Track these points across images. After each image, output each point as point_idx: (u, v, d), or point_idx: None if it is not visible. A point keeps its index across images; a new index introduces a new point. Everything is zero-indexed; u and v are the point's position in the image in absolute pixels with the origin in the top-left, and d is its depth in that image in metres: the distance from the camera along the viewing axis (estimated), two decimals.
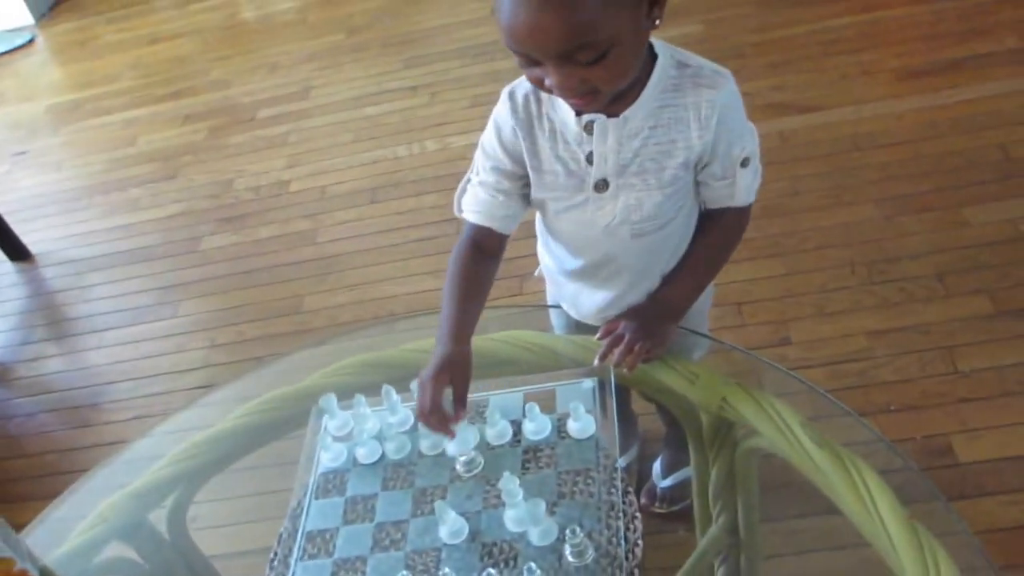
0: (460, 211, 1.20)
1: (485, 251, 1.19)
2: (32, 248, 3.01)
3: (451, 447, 1.12)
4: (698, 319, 1.37)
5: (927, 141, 2.47)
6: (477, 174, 1.18)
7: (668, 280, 1.23)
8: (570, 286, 1.31)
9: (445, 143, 2.99)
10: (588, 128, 1.09)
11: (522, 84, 1.11)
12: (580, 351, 1.25)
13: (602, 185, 1.13)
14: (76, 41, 4.49)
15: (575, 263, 1.26)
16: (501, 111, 1.13)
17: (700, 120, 1.08)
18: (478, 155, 1.18)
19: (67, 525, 1.26)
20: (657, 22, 0.99)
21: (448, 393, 1.10)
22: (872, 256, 2.19)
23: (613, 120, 1.07)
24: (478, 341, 1.16)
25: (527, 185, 1.17)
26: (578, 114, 1.07)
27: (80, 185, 3.31)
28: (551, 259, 1.32)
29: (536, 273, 1.43)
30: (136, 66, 4.05)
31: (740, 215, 1.20)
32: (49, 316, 2.82)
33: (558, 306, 1.39)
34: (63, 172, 3.44)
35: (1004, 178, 2.30)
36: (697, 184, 1.18)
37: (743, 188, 1.17)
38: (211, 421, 1.33)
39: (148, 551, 1.27)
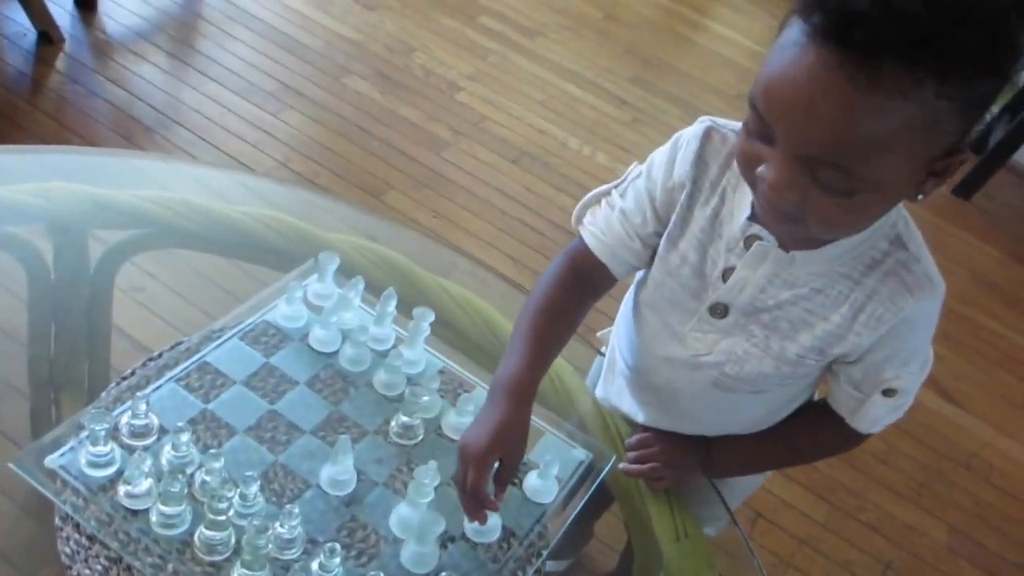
0: (579, 223, 0.95)
1: (587, 284, 0.95)
2: None
3: (468, 528, 0.86)
4: (734, 494, 1.11)
5: None
6: (623, 196, 0.92)
7: (732, 438, 1.01)
8: (619, 380, 1.06)
9: (615, 166, 2.78)
10: (748, 242, 0.84)
11: (727, 130, 0.86)
12: (594, 419, 1.03)
13: (720, 311, 0.87)
14: None
15: (638, 372, 1.00)
16: (690, 142, 0.87)
17: (869, 316, 0.83)
18: (638, 171, 0.92)
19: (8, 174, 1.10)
20: (920, 197, 0.74)
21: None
22: (912, 573, 1.92)
23: (778, 252, 0.82)
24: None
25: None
26: (750, 218, 0.83)
27: None
28: (619, 343, 1.05)
29: (600, 334, 1.18)
30: None
31: (849, 438, 0.95)
32: (181, 35, 2.73)
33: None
34: None
35: None
36: (828, 370, 0.93)
37: (869, 416, 0.91)
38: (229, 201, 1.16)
39: (65, 265, 1.08)
